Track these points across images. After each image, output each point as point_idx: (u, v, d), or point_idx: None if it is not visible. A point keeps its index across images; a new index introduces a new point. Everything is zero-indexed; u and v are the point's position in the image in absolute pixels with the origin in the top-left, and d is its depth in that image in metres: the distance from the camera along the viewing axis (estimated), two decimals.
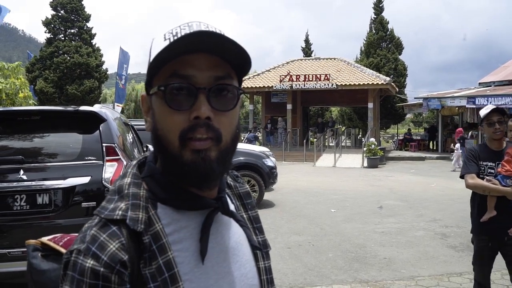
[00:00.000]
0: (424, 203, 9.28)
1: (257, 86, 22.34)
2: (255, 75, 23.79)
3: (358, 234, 6.60)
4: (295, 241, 6.16)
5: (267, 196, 9.21)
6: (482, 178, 3.09)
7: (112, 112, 4.30)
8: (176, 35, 0.72)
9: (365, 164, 17.78)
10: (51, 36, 25.41)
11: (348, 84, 21.04)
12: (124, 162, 3.64)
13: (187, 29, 0.73)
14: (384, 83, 20.69)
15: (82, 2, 25.94)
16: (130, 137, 4.71)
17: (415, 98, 25.17)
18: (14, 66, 10.56)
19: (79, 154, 3.62)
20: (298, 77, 21.71)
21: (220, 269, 0.78)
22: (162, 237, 0.72)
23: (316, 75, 21.50)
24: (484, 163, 3.14)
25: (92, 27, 26.26)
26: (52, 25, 25.36)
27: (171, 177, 0.76)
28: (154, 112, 0.76)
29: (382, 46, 28.15)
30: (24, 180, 3.42)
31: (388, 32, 28.24)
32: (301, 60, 25.90)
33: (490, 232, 3.16)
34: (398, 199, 9.85)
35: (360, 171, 16.48)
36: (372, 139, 18.63)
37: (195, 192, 0.77)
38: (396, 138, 30.52)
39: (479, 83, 23.80)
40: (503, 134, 3.16)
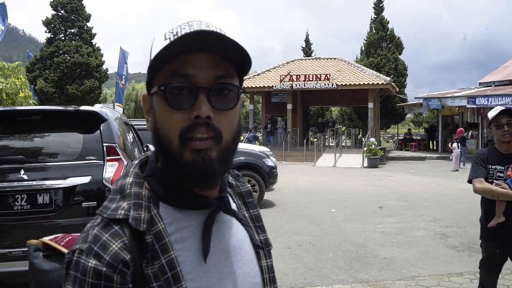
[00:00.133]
0: (424, 203, 9.28)
1: (257, 86, 22.34)
2: (255, 75, 23.78)
3: (358, 234, 6.60)
4: (295, 241, 6.16)
5: (267, 196, 9.21)
6: (491, 182, 2.96)
7: (112, 112, 4.30)
8: (176, 34, 0.72)
9: (365, 164, 17.78)
10: (51, 36, 25.41)
11: (348, 84, 21.04)
12: (125, 162, 3.65)
13: (187, 28, 0.72)
14: (384, 83, 20.69)
15: (82, 2, 25.94)
16: (130, 137, 4.71)
17: (415, 98, 25.18)
18: (14, 66, 10.57)
19: (80, 154, 3.62)
20: (298, 77, 21.71)
21: (222, 268, 0.77)
22: (165, 237, 0.72)
23: (316, 75, 21.49)
24: (493, 167, 3.00)
25: (92, 27, 26.27)
26: (52, 25, 25.36)
27: (172, 177, 0.76)
28: (155, 111, 0.76)
29: (382, 46, 28.15)
30: (24, 180, 3.42)
31: (388, 32, 28.25)
32: (301, 60, 25.89)
33: (499, 238, 3.02)
34: (398, 199, 9.86)
35: (360, 171, 16.48)
36: (372, 139, 18.63)
37: (197, 192, 0.76)
38: (396, 138, 30.52)
39: (479, 83, 23.79)
40: None
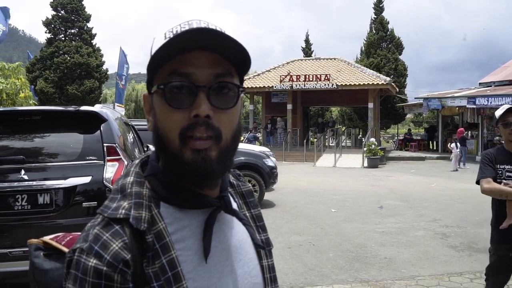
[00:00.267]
0: (424, 203, 9.28)
1: (257, 86, 22.34)
2: (255, 75, 23.79)
3: (358, 234, 6.60)
4: (295, 241, 6.16)
5: (267, 196, 9.21)
6: (500, 183, 2.88)
7: (112, 112, 4.30)
8: (176, 33, 0.72)
9: (365, 164, 17.78)
10: (52, 36, 25.42)
11: (348, 84, 21.04)
12: (125, 162, 3.65)
13: (187, 27, 0.72)
14: (384, 83, 20.69)
15: (83, 2, 25.95)
16: (130, 137, 4.72)
17: (415, 98, 25.18)
18: (14, 66, 10.58)
19: (80, 154, 3.62)
20: (298, 77, 21.71)
21: (223, 268, 0.77)
22: (165, 236, 0.72)
23: (316, 75, 21.50)
24: (501, 166, 2.92)
25: (92, 27, 26.27)
26: (52, 25, 25.37)
27: (172, 176, 0.75)
28: (155, 111, 0.76)
29: (382, 46, 28.17)
30: (25, 180, 3.42)
31: (388, 32, 28.26)
32: (301, 60, 25.89)
33: (511, 240, 2.92)
34: (398, 199, 9.86)
35: (360, 171, 16.48)
36: (372, 139, 18.63)
37: (198, 191, 0.76)
38: (396, 138, 30.52)
39: (479, 83, 23.79)
40: None
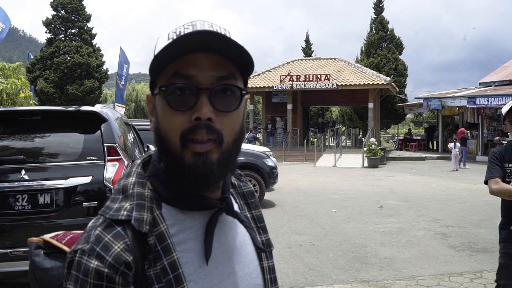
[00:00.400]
0: (425, 203, 9.28)
1: (258, 86, 22.33)
2: (255, 75, 23.76)
3: (358, 234, 6.60)
4: (296, 241, 6.16)
5: (267, 196, 9.21)
6: (508, 182, 2.78)
7: (113, 112, 4.30)
8: (179, 34, 0.71)
9: (366, 164, 17.79)
10: (52, 36, 25.39)
11: (348, 84, 21.04)
12: (126, 162, 3.65)
13: (190, 28, 0.71)
14: (385, 83, 20.69)
15: (83, 2, 25.93)
16: (131, 137, 4.72)
17: (415, 98, 25.19)
18: (14, 66, 10.58)
19: (81, 154, 3.62)
20: (298, 77, 21.71)
21: (224, 269, 0.77)
22: (167, 238, 0.72)
23: (316, 75, 21.50)
24: (510, 165, 2.81)
25: (92, 27, 26.25)
26: (52, 25, 25.35)
27: (173, 178, 0.75)
28: (157, 112, 0.75)
29: (382, 46, 28.17)
30: (25, 180, 3.43)
31: (388, 32, 28.26)
32: (302, 60, 25.88)
33: None
34: (398, 199, 9.86)
35: (360, 171, 16.48)
36: (373, 139, 18.63)
37: (200, 193, 0.76)
38: (396, 138, 30.52)
39: (480, 83, 23.81)
40: None
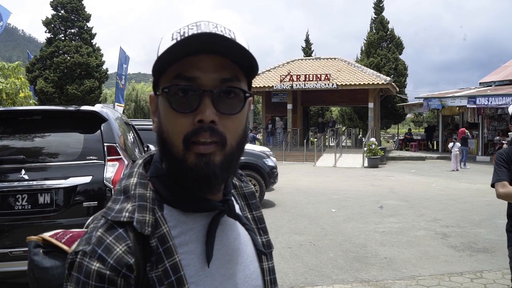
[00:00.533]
0: (425, 202, 9.28)
1: (258, 86, 22.32)
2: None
3: (358, 233, 6.60)
4: (296, 241, 6.16)
5: (267, 196, 9.21)
6: None
7: (113, 111, 4.30)
8: (183, 35, 0.70)
9: (366, 164, 17.79)
10: (51, 36, 25.37)
11: (348, 84, 21.04)
12: (126, 162, 3.65)
13: (194, 29, 0.71)
14: (385, 83, 20.69)
15: (82, 2, 25.91)
16: (131, 137, 4.72)
17: (415, 98, 25.19)
18: (14, 66, 10.57)
19: (81, 153, 3.62)
20: (298, 77, 21.71)
21: (225, 271, 0.77)
22: (169, 240, 0.71)
23: (316, 75, 21.50)
24: None
25: (92, 27, 26.23)
26: (52, 25, 25.32)
27: (175, 179, 0.75)
28: (160, 113, 0.75)
29: (382, 46, 28.16)
30: (25, 180, 3.42)
31: (389, 32, 28.26)
32: (302, 60, 25.88)
33: None
34: (398, 199, 9.86)
35: (360, 171, 16.48)
36: (373, 139, 18.63)
37: (202, 195, 0.75)
38: (396, 138, 30.53)
39: (480, 82, 23.81)
40: None
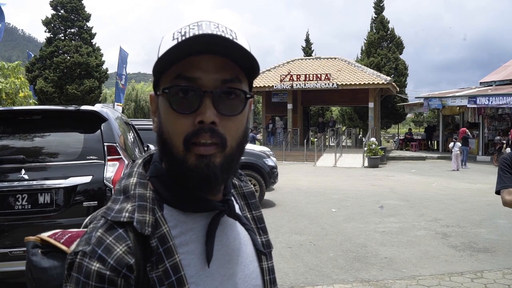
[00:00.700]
0: (425, 202, 9.28)
1: (258, 85, 22.31)
2: None
3: (359, 233, 6.59)
4: (296, 241, 6.16)
5: (267, 195, 9.20)
6: None
7: (113, 111, 4.30)
8: (184, 35, 0.70)
9: (366, 163, 17.78)
10: (51, 35, 25.37)
11: (348, 83, 21.04)
12: (126, 162, 3.65)
13: (195, 29, 0.70)
14: (385, 82, 20.68)
15: (82, 2, 25.90)
16: (131, 137, 4.72)
17: (416, 97, 25.18)
18: (14, 66, 10.55)
19: (81, 153, 3.62)
20: (298, 76, 21.71)
21: (225, 271, 0.77)
22: (169, 240, 0.71)
23: (316, 75, 21.49)
24: None
25: (92, 27, 26.23)
26: (52, 25, 25.32)
27: (175, 179, 0.75)
28: (160, 113, 0.74)
29: (382, 45, 28.14)
30: (25, 180, 3.42)
31: (389, 32, 28.24)
32: (302, 59, 25.88)
33: None
34: (399, 198, 9.85)
35: (360, 170, 16.48)
36: (373, 139, 18.63)
37: (202, 195, 0.75)
38: (396, 137, 30.53)
39: (480, 82, 23.80)
40: None
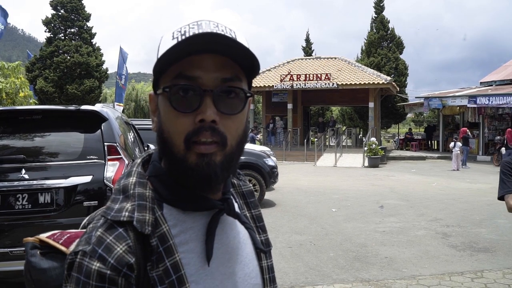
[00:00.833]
0: (425, 202, 9.28)
1: (258, 85, 22.30)
2: None
3: (359, 233, 6.59)
4: (296, 241, 6.16)
5: (268, 195, 9.20)
6: None
7: (113, 111, 4.30)
8: (184, 34, 0.70)
9: (366, 163, 17.78)
10: (51, 35, 25.36)
11: (348, 83, 21.03)
12: (126, 162, 3.65)
13: (195, 28, 0.70)
14: (385, 82, 20.68)
15: (82, 2, 25.90)
16: (131, 137, 4.72)
17: (416, 97, 25.18)
18: (14, 66, 10.55)
19: (81, 153, 3.62)
20: (298, 76, 21.69)
21: (225, 270, 0.77)
22: (169, 239, 0.71)
23: (316, 75, 21.48)
24: None
25: (92, 27, 26.22)
26: (52, 25, 25.31)
27: (175, 178, 0.75)
28: (160, 112, 0.74)
29: (383, 45, 28.13)
30: (25, 179, 3.42)
31: (389, 31, 28.23)
32: (302, 59, 25.87)
33: None
34: (399, 198, 9.86)
35: (361, 170, 16.48)
36: (373, 139, 18.62)
37: (201, 194, 0.75)
38: (397, 137, 30.52)
39: (480, 82, 23.81)
40: None
